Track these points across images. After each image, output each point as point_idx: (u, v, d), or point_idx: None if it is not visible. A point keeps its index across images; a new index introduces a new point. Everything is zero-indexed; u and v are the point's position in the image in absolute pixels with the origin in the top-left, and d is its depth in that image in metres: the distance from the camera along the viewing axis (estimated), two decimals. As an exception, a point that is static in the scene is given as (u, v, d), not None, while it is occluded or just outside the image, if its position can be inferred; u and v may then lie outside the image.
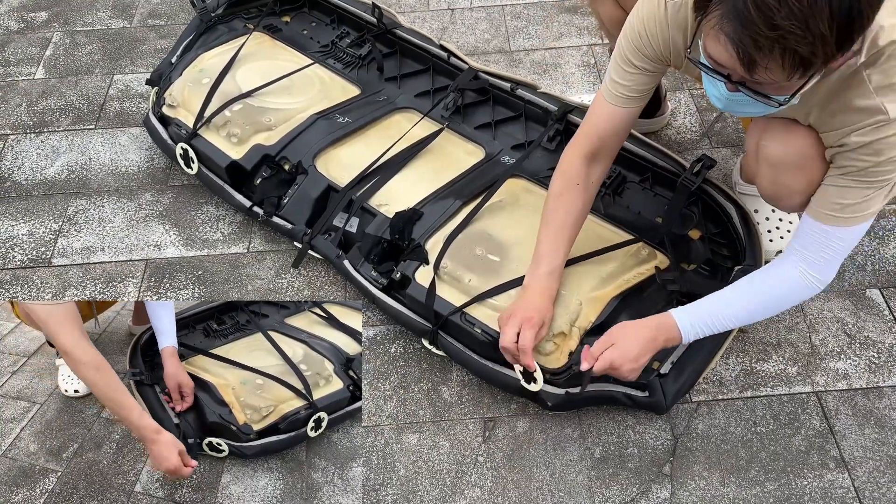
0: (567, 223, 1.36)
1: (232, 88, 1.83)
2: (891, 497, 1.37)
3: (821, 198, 1.18)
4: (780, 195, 1.32)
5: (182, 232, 1.80)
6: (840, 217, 1.16)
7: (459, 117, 1.84)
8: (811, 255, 1.22)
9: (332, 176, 1.70)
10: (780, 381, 1.52)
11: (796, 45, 0.84)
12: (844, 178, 1.13)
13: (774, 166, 1.29)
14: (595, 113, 1.32)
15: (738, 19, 0.86)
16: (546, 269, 1.34)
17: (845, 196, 1.14)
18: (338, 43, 2.05)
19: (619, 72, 1.25)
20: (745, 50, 0.88)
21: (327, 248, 1.63)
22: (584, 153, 1.33)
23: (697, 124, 2.01)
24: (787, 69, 0.88)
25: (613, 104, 1.29)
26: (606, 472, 1.41)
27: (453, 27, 2.32)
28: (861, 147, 1.08)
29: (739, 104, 1.04)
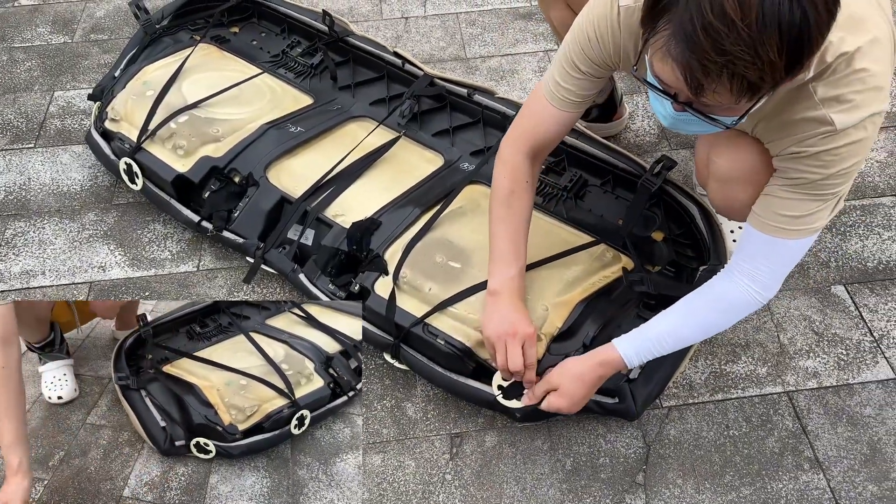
0: (523, 221, 1.31)
1: (177, 100, 1.76)
2: (867, 496, 1.34)
3: (767, 209, 1.14)
4: (731, 207, 1.30)
5: (128, 252, 1.71)
6: (787, 230, 1.13)
7: (416, 125, 1.79)
8: (755, 270, 1.18)
9: (285, 187, 1.64)
10: (750, 383, 1.49)
11: (745, 71, 0.82)
12: (792, 190, 1.10)
13: (723, 181, 1.27)
14: (537, 112, 1.27)
15: (685, 42, 0.82)
16: (516, 271, 1.29)
17: (793, 208, 1.11)
18: (289, 52, 1.99)
19: (564, 75, 1.20)
20: (692, 74, 0.85)
21: (282, 262, 1.56)
22: (526, 151, 1.29)
23: (656, 127, 1.99)
24: (735, 93, 0.86)
25: (557, 107, 1.24)
26: (579, 484, 1.36)
27: (408, 35, 2.28)
28: (809, 157, 1.05)
29: (686, 123, 1.00)
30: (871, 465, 1.38)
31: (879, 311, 1.59)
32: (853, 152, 1.04)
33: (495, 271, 1.29)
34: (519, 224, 1.31)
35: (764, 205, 1.15)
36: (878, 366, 1.51)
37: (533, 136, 1.28)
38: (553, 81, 1.22)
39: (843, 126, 1.01)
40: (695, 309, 1.23)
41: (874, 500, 1.34)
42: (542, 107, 1.26)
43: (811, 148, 1.04)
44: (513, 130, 1.31)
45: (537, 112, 1.27)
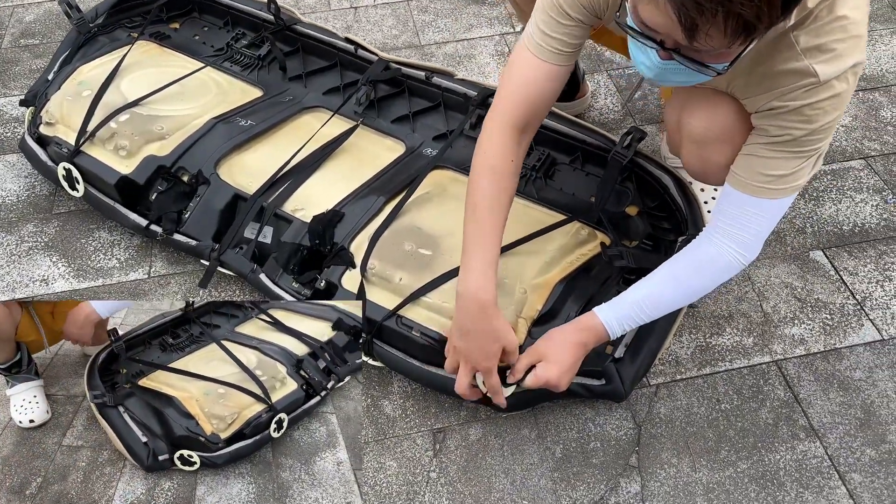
0: (500, 205, 1.18)
1: (117, 99, 1.64)
2: (865, 461, 1.30)
3: (748, 168, 1.10)
4: (707, 171, 1.24)
5: (72, 263, 1.59)
6: (770, 189, 1.09)
7: (374, 112, 1.71)
8: (737, 232, 1.14)
9: (239, 184, 1.54)
10: (737, 354, 1.44)
11: (741, 9, 0.77)
12: (773, 148, 1.06)
13: (698, 142, 1.21)
14: (522, 74, 1.16)
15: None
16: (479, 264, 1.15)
17: (776, 167, 1.07)
18: (233, 45, 1.89)
19: (551, 24, 1.12)
20: (687, 14, 0.79)
21: (239, 263, 1.46)
22: (513, 123, 1.16)
23: (619, 104, 1.94)
24: (730, 35, 0.81)
25: (547, 61, 1.14)
26: (570, 471, 1.29)
27: (358, 25, 2.20)
28: (791, 112, 1.01)
29: (671, 73, 0.94)
30: (866, 428, 1.34)
31: (859, 273, 1.56)
32: (836, 105, 1.00)
33: (462, 268, 1.16)
34: (492, 208, 1.16)
35: (744, 164, 1.11)
36: (863, 328, 1.48)
37: (523, 102, 1.16)
38: (539, 34, 1.13)
39: (827, 77, 0.97)
40: (676, 273, 1.18)
41: (873, 464, 1.29)
42: (529, 65, 1.15)
43: (793, 102, 1.00)
44: (498, 104, 1.18)
45: (524, 73, 1.15)
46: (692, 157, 1.25)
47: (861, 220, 1.66)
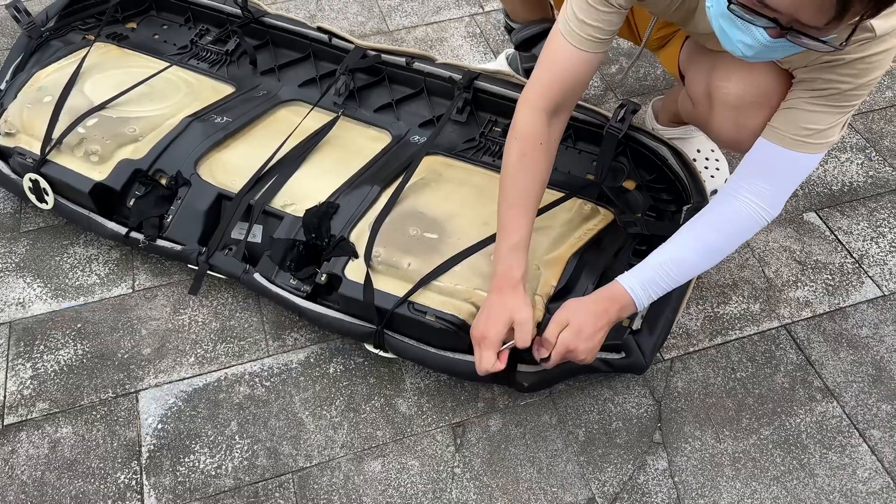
0: (531, 189, 1.17)
1: (82, 103, 1.54)
2: (882, 416, 1.31)
3: (789, 122, 1.08)
4: (741, 137, 1.20)
5: (48, 282, 1.50)
6: (809, 143, 1.07)
7: (355, 102, 1.65)
8: (763, 186, 1.12)
9: (221, 183, 1.46)
10: (746, 322, 1.43)
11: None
12: (818, 101, 1.05)
13: (735, 107, 1.18)
14: (557, 60, 1.13)
15: None
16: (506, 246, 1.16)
17: (818, 121, 1.06)
18: (198, 42, 1.80)
19: (588, 12, 1.08)
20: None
21: (230, 265, 1.39)
22: (545, 107, 1.15)
23: (598, 79, 1.92)
24: (864, 12, 0.79)
25: (583, 49, 1.11)
26: (596, 454, 1.26)
27: (322, 14, 2.12)
28: (844, 65, 0.99)
29: (774, 51, 0.92)
30: (879, 384, 1.35)
31: (854, 232, 1.57)
32: (883, 61, 1.00)
33: (497, 252, 1.18)
34: (523, 193, 1.16)
35: (785, 118, 1.09)
36: (864, 286, 1.49)
37: (552, 89, 1.14)
38: (575, 21, 1.10)
39: (882, 32, 0.96)
40: (699, 232, 1.16)
41: (889, 418, 1.30)
42: (565, 52, 1.12)
43: (847, 55, 0.98)
44: (531, 85, 1.16)
45: (559, 59, 1.13)
46: (727, 122, 1.21)
47: (849, 178, 1.67)
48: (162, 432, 1.30)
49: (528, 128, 1.15)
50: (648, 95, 1.85)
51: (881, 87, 1.86)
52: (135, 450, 1.28)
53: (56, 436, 1.30)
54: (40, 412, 1.32)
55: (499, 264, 1.15)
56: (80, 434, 1.30)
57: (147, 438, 1.29)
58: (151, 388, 1.35)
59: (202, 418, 1.31)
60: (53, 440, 1.29)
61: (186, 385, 1.36)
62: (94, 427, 1.31)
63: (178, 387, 1.36)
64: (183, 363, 1.38)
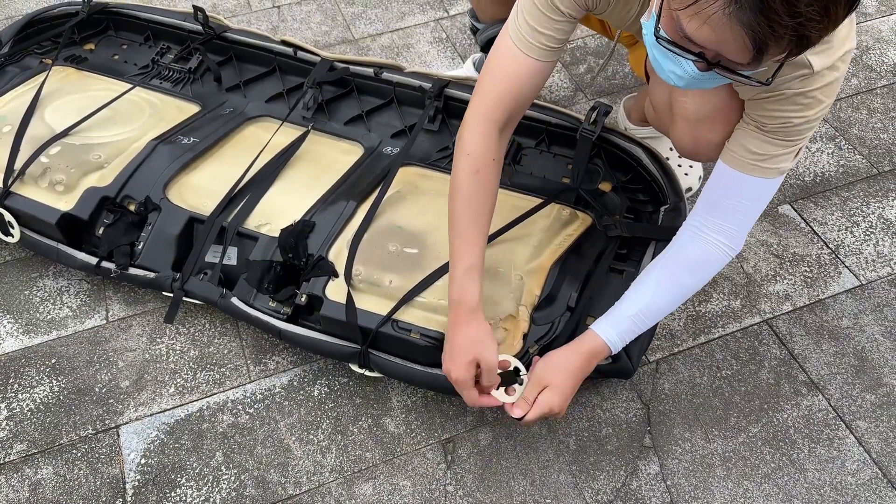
0: (485, 207, 1.15)
1: (43, 131, 1.50)
2: (867, 407, 1.32)
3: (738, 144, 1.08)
4: (699, 149, 1.22)
5: (18, 318, 1.45)
6: (760, 167, 1.07)
7: (324, 115, 1.63)
8: (726, 224, 1.13)
9: (192, 206, 1.43)
10: (728, 319, 1.44)
11: (810, 31, 0.76)
12: (763, 131, 1.05)
13: (692, 121, 1.19)
14: (508, 69, 1.10)
15: (758, 8, 0.74)
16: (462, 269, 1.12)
17: (764, 149, 1.06)
18: (159, 61, 1.76)
19: (541, 20, 1.06)
20: (761, 39, 0.76)
21: (206, 291, 1.36)
22: (496, 120, 1.12)
23: (567, 80, 1.91)
24: (787, 52, 0.79)
25: (534, 57, 1.09)
26: (587, 462, 1.26)
27: (284, 25, 2.09)
28: (786, 99, 1.00)
29: (704, 82, 0.91)
30: (862, 374, 1.36)
31: (828, 222, 1.59)
32: (827, 93, 1.00)
33: (451, 276, 1.14)
34: (478, 212, 1.13)
35: (737, 142, 1.09)
36: (842, 276, 1.50)
37: (508, 99, 1.11)
38: (527, 29, 1.07)
39: (820, 68, 0.96)
40: (668, 276, 1.16)
41: (874, 408, 1.32)
42: (516, 61, 1.09)
43: (788, 90, 0.99)
44: (480, 99, 1.13)
45: (511, 69, 1.10)
46: (685, 134, 1.22)
47: (820, 168, 1.68)
48: (146, 467, 1.27)
49: (480, 144, 1.12)
50: (618, 95, 1.85)
51: (847, 76, 1.88)
52: (119, 487, 1.25)
53: (36, 478, 1.26)
54: (18, 454, 1.28)
55: (454, 290, 1.11)
56: (62, 474, 1.26)
57: (131, 475, 1.26)
58: (132, 422, 1.32)
59: (186, 450, 1.29)
60: (34, 482, 1.25)
61: (168, 417, 1.33)
62: (76, 466, 1.27)
63: (160, 419, 1.32)
64: (163, 394, 1.35)
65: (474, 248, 1.12)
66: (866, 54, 1.93)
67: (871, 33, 1.98)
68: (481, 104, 1.12)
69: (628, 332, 1.16)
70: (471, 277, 1.11)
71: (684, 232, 1.18)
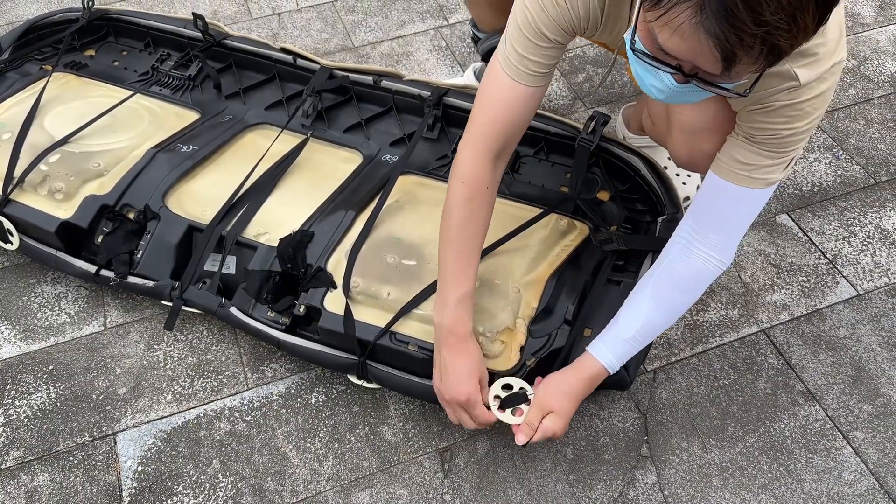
0: (477, 235, 1.17)
1: (43, 139, 1.50)
2: (864, 417, 1.32)
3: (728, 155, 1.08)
4: (695, 159, 1.23)
5: (16, 324, 1.45)
6: (749, 177, 1.07)
7: (323, 123, 1.63)
8: (715, 237, 1.13)
9: (191, 214, 1.43)
10: (725, 328, 1.44)
11: (779, 40, 0.75)
12: (752, 142, 1.04)
13: (688, 132, 1.19)
14: (500, 96, 1.10)
15: (724, 17, 0.74)
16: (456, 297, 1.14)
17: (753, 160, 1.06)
18: (159, 67, 1.77)
19: (529, 47, 1.06)
20: (728, 48, 0.76)
21: (205, 299, 1.36)
22: (490, 148, 1.12)
23: (566, 88, 1.92)
24: (760, 62, 0.79)
25: (527, 84, 1.09)
26: (585, 471, 1.26)
27: (284, 32, 2.09)
28: (773, 111, 1.00)
29: (685, 94, 0.91)
30: (859, 384, 1.36)
31: (826, 232, 1.59)
32: (816, 105, 0.99)
33: (437, 300, 1.16)
34: (470, 240, 1.15)
35: (727, 152, 1.09)
36: (839, 286, 1.50)
37: (500, 126, 1.12)
38: (516, 56, 1.07)
39: (807, 81, 0.96)
40: (661, 295, 1.16)
41: (871, 419, 1.32)
42: (507, 89, 1.10)
43: (776, 102, 0.99)
44: (473, 128, 1.13)
45: (503, 97, 1.11)
46: (681, 145, 1.23)
47: (817, 178, 1.69)
48: (143, 475, 1.27)
49: (474, 172, 1.13)
50: (617, 104, 1.85)
51: (844, 86, 1.89)
52: (115, 494, 1.25)
53: (32, 485, 1.26)
54: (14, 461, 1.28)
55: (446, 316, 1.13)
56: (58, 482, 1.26)
57: (127, 482, 1.26)
58: (129, 429, 1.32)
59: (183, 458, 1.29)
60: (30, 489, 1.25)
61: (165, 424, 1.33)
62: (72, 473, 1.27)
63: (157, 426, 1.33)
64: (160, 401, 1.35)
65: (465, 277, 1.14)
66: (864, 65, 1.94)
67: (869, 44, 1.99)
68: (475, 132, 1.13)
69: (625, 353, 1.16)
70: (464, 307, 1.14)
71: (674, 244, 1.18)
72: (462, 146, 1.15)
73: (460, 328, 1.13)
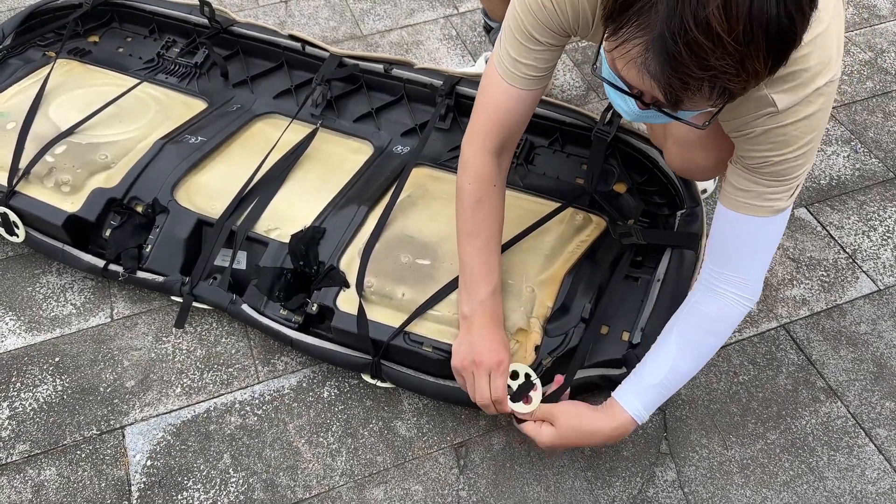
0: (494, 231, 1.17)
1: (48, 129, 1.47)
2: (886, 414, 1.30)
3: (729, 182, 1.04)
4: (690, 169, 1.22)
5: (21, 315, 1.43)
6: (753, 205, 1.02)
7: (333, 112, 1.60)
8: (738, 276, 1.08)
9: (200, 208, 1.40)
10: (744, 323, 1.42)
11: (728, 83, 0.72)
12: (745, 168, 1.00)
13: (682, 144, 1.18)
14: (496, 101, 1.09)
15: (666, 59, 0.71)
16: (487, 292, 1.14)
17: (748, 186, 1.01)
18: (164, 54, 1.74)
19: (520, 50, 1.04)
20: (672, 91, 0.74)
21: (216, 295, 1.33)
22: (490, 149, 1.12)
23: (580, 79, 1.89)
24: (713, 99, 0.76)
25: (519, 87, 1.07)
26: (603, 468, 1.24)
27: (292, 20, 2.06)
28: (754, 137, 0.95)
29: (651, 117, 0.89)
30: (881, 381, 1.34)
31: (845, 226, 1.56)
32: (806, 129, 0.93)
33: (465, 295, 1.16)
34: (489, 237, 1.16)
35: (728, 179, 1.04)
36: (859, 281, 1.48)
37: (498, 128, 1.11)
38: (509, 59, 1.05)
39: (786, 106, 0.90)
40: (687, 339, 1.11)
41: (894, 416, 1.30)
42: (501, 91, 1.08)
43: (757, 128, 0.94)
44: (473, 128, 1.13)
45: (497, 99, 1.09)
46: (675, 156, 1.22)
47: (836, 172, 1.66)
48: (152, 469, 1.24)
49: (480, 172, 1.13)
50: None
51: (861, 78, 1.86)
52: (124, 489, 1.22)
53: (39, 479, 1.23)
54: (21, 454, 1.26)
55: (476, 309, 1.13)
56: (65, 476, 1.24)
57: (136, 476, 1.24)
58: (138, 423, 1.30)
59: (193, 452, 1.26)
60: (36, 484, 1.23)
61: (174, 417, 1.30)
62: (80, 467, 1.25)
63: (166, 420, 1.30)
64: (169, 394, 1.33)
65: (491, 273, 1.15)
66: (881, 57, 1.91)
67: (886, 36, 1.96)
68: (474, 136, 1.13)
69: (654, 401, 1.11)
70: (495, 298, 1.16)
71: (698, 286, 1.14)
72: (465, 143, 1.15)
73: (493, 315, 1.14)
